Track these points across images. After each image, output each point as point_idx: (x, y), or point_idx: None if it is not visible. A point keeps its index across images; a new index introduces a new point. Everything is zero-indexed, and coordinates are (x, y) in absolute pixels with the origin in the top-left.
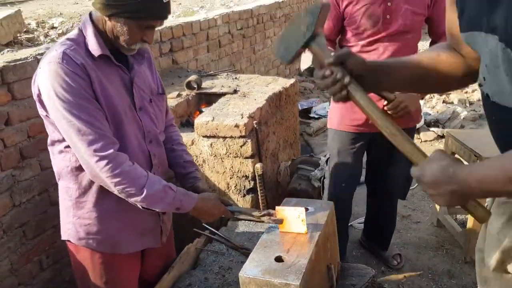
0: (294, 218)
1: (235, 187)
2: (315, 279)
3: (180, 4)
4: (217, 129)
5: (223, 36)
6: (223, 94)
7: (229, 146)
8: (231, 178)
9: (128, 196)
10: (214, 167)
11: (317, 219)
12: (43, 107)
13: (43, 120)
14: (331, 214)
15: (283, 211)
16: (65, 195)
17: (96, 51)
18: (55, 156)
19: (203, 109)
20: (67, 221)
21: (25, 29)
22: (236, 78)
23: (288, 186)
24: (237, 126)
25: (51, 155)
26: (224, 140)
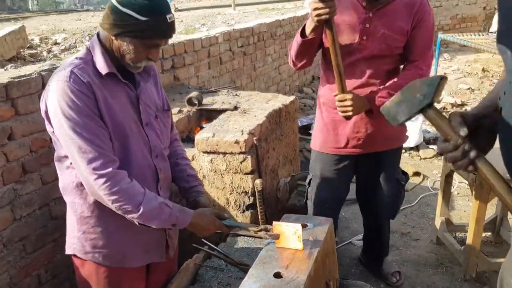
0: (290, 234)
1: (234, 202)
2: None
3: (182, 22)
4: (217, 145)
5: (224, 53)
6: (223, 111)
7: (229, 162)
8: (230, 194)
9: (125, 213)
10: (214, 182)
11: (316, 236)
12: (51, 123)
13: (51, 136)
14: (330, 230)
15: (280, 226)
16: (70, 210)
17: (103, 69)
18: (61, 172)
19: (204, 125)
20: (72, 236)
21: (28, 44)
22: (236, 94)
23: (288, 202)
24: (237, 142)
25: (58, 170)
26: (224, 156)
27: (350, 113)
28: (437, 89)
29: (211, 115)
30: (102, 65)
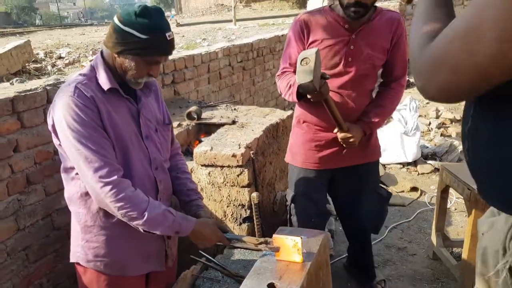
0: (290, 247)
1: (231, 215)
2: None
3: (183, 37)
4: (215, 158)
5: (223, 68)
6: (222, 125)
7: (226, 175)
8: (228, 207)
9: (130, 220)
10: (211, 195)
11: (309, 248)
12: (57, 136)
13: (58, 149)
14: (324, 243)
15: (280, 239)
16: (74, 219)
17: (105, 84)
18: (67, 183)
19: (202, 139)
20: (76, 244)
21: (33, 58)
22: (235, 109)
23: (284, 215)
24: (234, 155)
25: (64, 181)
26: (221, 169)
27: (355, 144)
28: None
29: (209, 129)
30: (104, 81)
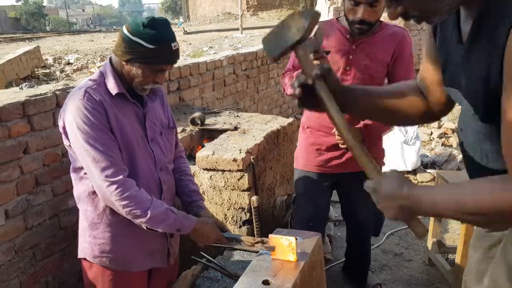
0: (285, 246)
1: (232, 218)
2: None
3: (190, 44)
4: (216, 162)
5: (228, 76)
6: (224, 131)
7: (227, 179)
8: (228, 210)
9: (134, 217)
10: (213, 198)
11: (304, 248)
12: (67, 138)
13: (68, 149)
14: (318, 244)
15: (275, 239)
16: (82, 217)
17: (113, 89)
18: (76, 182)
19: (205, 144)
20: (83, 241)
21: (42, 64)
22: (237, 116)
23: (284, 219)
24: (235, 160)
25: (73, 181)
26: (223, 173)
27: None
28: (310, 23)
29: (212, 134)
30: (113, 86)
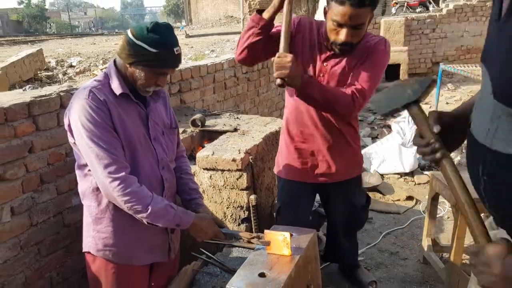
0: (280, 241)
1: (231, 216)
2: None
3: (192, 48)
4: (216, 162)
5: (229, 79)
6: (224, 132)
7: (226, 178)
8: (227, 208)
9: (135, 213)
10: (212, 197)
11: (299, 243)
12: (72, 135)
13: (72, 147)
14: (313, 240)
15: (270, 234)
16: (87, 212)
17: (117, 90)
18: (80, 179)
19: (205, 145)
20: (87, 235)
21: (45, 67)
22: (237, 117)
23: None
24: (234, 160)
25: (78, 177)
26: (222, 173)
27: (286, 71)
28: (426, 89)
29: (212, 135)
30: (116, 86)
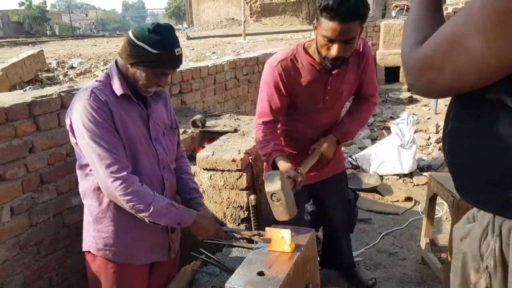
0: (280, 238)
1: (231, 216)
2: None
3: (193, 50)
4: (216, 162)
5: (229, 80)
6: (224, 133)
7: (226, 178)
8: (227, 208)
9: (137, 212)
10: (212, 197)
11: (298, 242)
12: (74, 135)
13: (74, 147)
14: (312, 239)
15: (271, 232)
16: (87, 211)
17: (118, 90)
18: (82, 178)
19: (206, 145)
20: (88, 234)
21: (46, 68)
22: (238, 118)
23: None
24: (234, 160)
25: (79, 177)
26: (222, 173)
27: (329, 157)
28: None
29: (212, 136)
30: (118, 87)
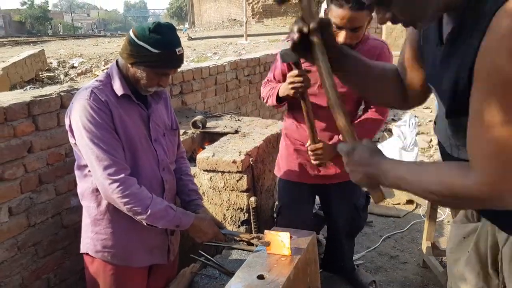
0: (280, 241)
1: (231, 218)
2: None
3: (194, 50)
4: (216, 164)
5: (230, 81)
6: (225, 134)
7: (226, 180)
8: (227, 210)
9: (135, 214)
10: (212, 199)
11: (298, 245)
12: (73, 136)
13: (73, 147)
14: (312, 242)
15: (271, 235)
16: (86, 213)
17: (119, 90)
18: (80, 179)
19: (206, 146)
20: (86, 236)
21: (47, 67)
22: (238, 119)
23: None
24: (234, 162)
25: (77, 178)
26: (222, 175)
27: (323, 160)
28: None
29: (213, 137)
30: (118, 87)
